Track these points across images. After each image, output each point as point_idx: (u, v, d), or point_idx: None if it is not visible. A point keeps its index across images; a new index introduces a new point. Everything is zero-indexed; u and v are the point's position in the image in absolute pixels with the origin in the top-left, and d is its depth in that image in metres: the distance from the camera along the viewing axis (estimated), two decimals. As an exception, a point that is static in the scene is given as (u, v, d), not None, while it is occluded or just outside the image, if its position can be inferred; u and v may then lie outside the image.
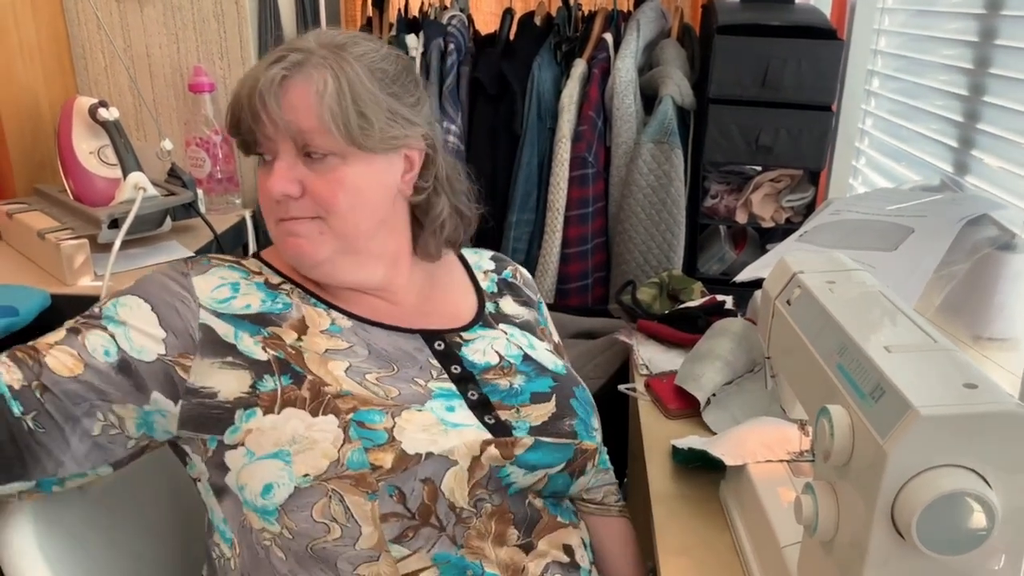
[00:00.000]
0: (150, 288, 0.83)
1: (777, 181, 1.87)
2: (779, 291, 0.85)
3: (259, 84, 0.81)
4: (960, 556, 0.57)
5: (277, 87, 0.81)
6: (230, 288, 0.86)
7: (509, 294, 1.05)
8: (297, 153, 0.84)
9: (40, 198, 1.59)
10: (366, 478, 0.77)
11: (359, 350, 0.86)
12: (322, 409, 0.79)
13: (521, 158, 1.87)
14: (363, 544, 0.78)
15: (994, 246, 1.16)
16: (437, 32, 1.93)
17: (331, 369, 0.82)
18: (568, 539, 0.90)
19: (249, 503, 0.79)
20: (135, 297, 0.82)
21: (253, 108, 0.82)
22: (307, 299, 0.89)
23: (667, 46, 1.91)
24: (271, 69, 0.82)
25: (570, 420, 0.91)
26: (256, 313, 0.85)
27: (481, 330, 0.96)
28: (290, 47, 0.84)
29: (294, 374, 0.81)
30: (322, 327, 0.87)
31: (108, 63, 1.80)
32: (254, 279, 0.89)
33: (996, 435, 0.56)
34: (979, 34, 1.44)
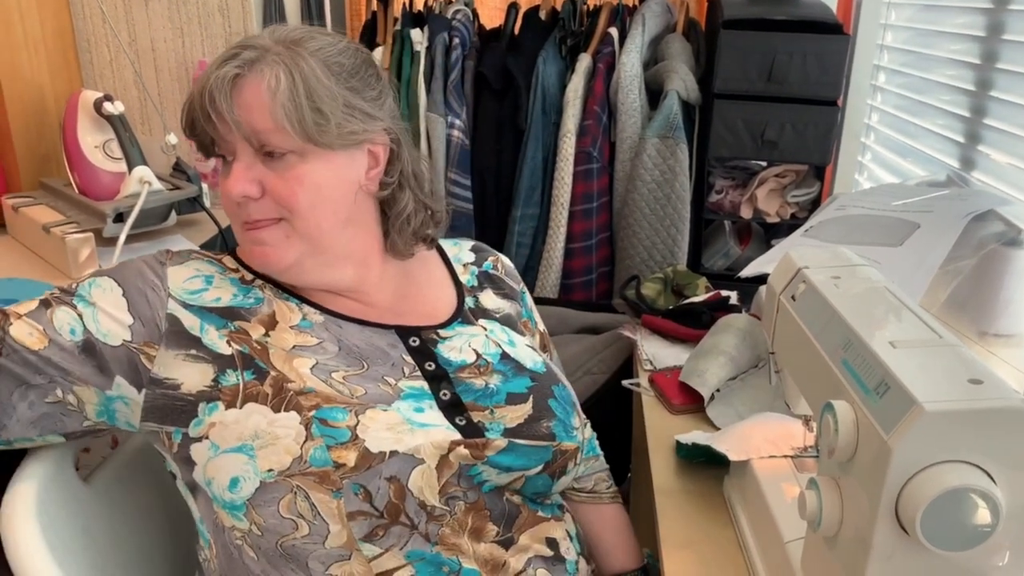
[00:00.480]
0: (126, 273, 0.83)
1: (782, 176, 1.86)
2: (784, 286, 0.85)
3: (209, 83, 0.79)
4: (964, 552, 0.57)
5: (228, 85, 0.79)
6: (203, 280, 0.86)
7: (490, 287, 1.03)
8: (255, 153, 0.81)
9: (45, 192, 1.59)
10: (329, 476, 0.77)
11: (328, 346, 0.85)
12: (284, 405, 0.78)
13: (526, 153, 1.86)
14: (332, 543, 0.77)
15: (1000, 242, 1.16)
16: (442, 26, 1.92)
17: (296, 366, 0.81)
18: (551, 532, 0.88)
19: (218, 498, 0.78)
20: (110, 279, 0.82)
21: (204, 108, 0.80)
22: (280, 294, 0.88)
23: (672, 41, 1.91)
24: (223, 67, 0.80)
25: (547, 422, 0.88)
26: (225, 307, 0.84)
27: (460, 327, 0.94)
28: (244, 44, 0.82)
29: (257, 369, 0.80)
30: (292, 322, 0.86)
31: (113, 57, 1.80)
32: (229, 275, 0.88)
33: (1001, 431, 0.56)
34: (986, 29, 1.43)
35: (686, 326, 1.37)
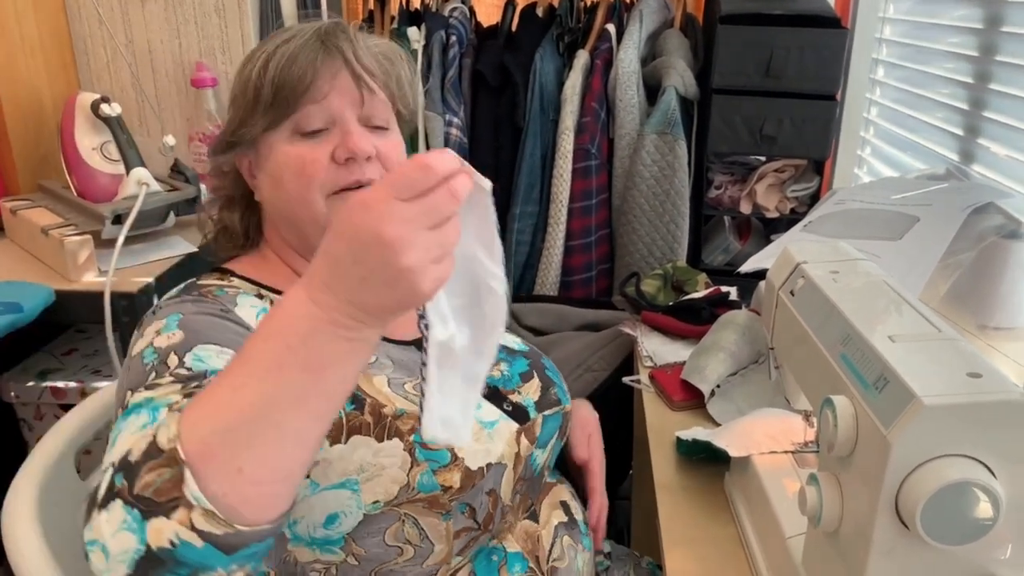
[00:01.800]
0: (210, 331, 0.73)
1: (781, 171, 1.86)
2: (783, 281, 0.84)
3: (355, 49, 0.83)
4: (965, 546, 0.57)
5: (380, 58, 0.86)
6: (266, 315, 0.79)
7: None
8: (358, 122, 0.84)
9: (44, 194, 1.59)
10: (439, 499, 0.77)
11: (384, 360, 0.84)
12: (386, 433, 0.76)
13: (524, 150, 1.86)
14: (431, 561, 0.78)
15: (1000, 234, 1.15)
16: (439, 24, 1.92)
17: (377, 386, 0.80)
18: (561, 495, 0.94)
19: (301, 537, 0.75)
20: (214, 346, 0.71)
21: (355, 78, 0.82)
22: None
23: (670, 36, 1.90)
24: (373, 38, 0.86)
25: (553, 389, 0.94)
26: None
27: None
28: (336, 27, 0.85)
29: (354, 397, 0.77)
30: None
31: (110, 59, 1.80)
32: (265, 303, 0.83)
33: (1001, 424, 0.56)
34: (984, 21, 1.43)
35: (686, 322, 1.37)
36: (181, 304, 0.76)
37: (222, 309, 0.77)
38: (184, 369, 0.66)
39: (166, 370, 0.66)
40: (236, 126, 0.83)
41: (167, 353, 0.69)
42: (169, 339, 0.70)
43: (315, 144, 0.81)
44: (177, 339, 0.70)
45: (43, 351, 1.63)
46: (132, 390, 0.66)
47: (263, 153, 0.84)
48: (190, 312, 0.75)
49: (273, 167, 0.82)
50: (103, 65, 1.80)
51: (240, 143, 0.84)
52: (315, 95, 0.80)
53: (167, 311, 0.76)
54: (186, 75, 1.79)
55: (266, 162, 0.84)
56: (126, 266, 1.40)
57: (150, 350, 0.70)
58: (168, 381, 0.65)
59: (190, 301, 0.77)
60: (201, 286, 0.83)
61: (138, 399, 0.63)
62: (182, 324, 0.72)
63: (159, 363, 0.68)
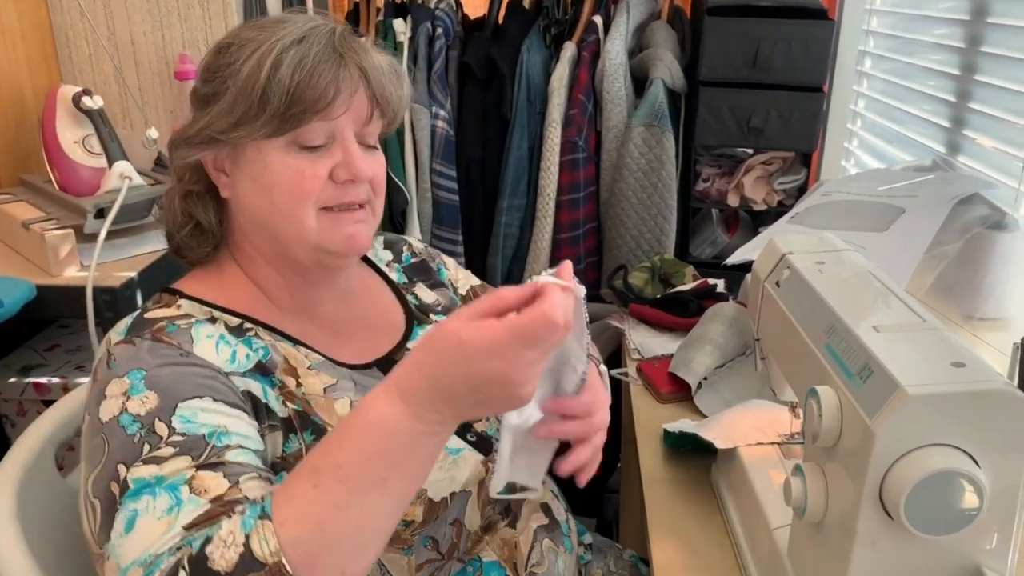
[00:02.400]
0: (180, 385, 0.70)
1: (769, 163, 1.86)
2: (768, 272, 0.84)
3: (372, 71, 0.79)
4: (949, 536, 0.57)
5: (394, 75, 0.81)
6: (224, 344, 0.76)
7: (418, 279, 1.00)
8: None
9: (25, 188, 1.57)
10: (399, 535, 0.75)
11: (344, 383, 0.81)
12: None
13: (511, 143, 1.85)
14: None
15: (985, 225, 1.16)
16: (425, 16, 1.91)
17: (338, 411, 0.77)
18: (543, 497, 0.91)
19: None
20: (194, 400, 0.69)
21: (372, 95, 0.79)
22: (273, 335, 0.81)
23: (657, 28, 1.90)
24: (378, 54, 0.81)
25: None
26: (256, 363, 0.77)
27: (420, 329, 0.91)
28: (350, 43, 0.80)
29: (314, 427, 0.75)
30: (304, 364, 0.80)
31: (92, 51, 1.78)
32: (219, 328, 0.78)
33: (984, 414, 0.56)
34: (971, 12, 1.43)
35: (673, 315, 1.36)
36: (138, 355, 0.71)
37: (181, 353, 0.72)
38: (178, 435, 0.66)
39: (159, 440, 0.65)
40: (228, 126, 0.76)
41: (151, 420, 0.67)
42: (144, 403, 0.68)
43: (314, 159, 0.77)
44: (153, 403, 0.68)
45: (25, 347, 1.62)
46: (127, 464, 0.64)
47: (249, 156, 0.77)
48: (152, 366, 0.70)
49: (264, 175, 0.77)
50: (85, 57, 1.78)
51: (224, 142, 0.77)
52: (329, 113, 0.76)
53: (126, 366, 0.71)
54: (169, 67, 1.77)
55: (251, 166, 0.78)
56: (108, 260, 1.39)
57: (128, 418, 0.67)
58: (170, 453, 0.65)
59: (146, 350, 0.72)
60: (151, 322, 0.76)
61: (142, 476, 0.63)
62: (149, 383, 0.69)
63: (148, 433, 0.66)
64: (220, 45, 0.79)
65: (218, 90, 0.77)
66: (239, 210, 0.81)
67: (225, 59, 0.77)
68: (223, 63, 0.77)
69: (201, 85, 0.80)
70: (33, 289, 1.30)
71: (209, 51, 0.81)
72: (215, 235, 0.84)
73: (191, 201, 0.82)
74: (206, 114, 0.77)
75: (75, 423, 0.95)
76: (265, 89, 0.74)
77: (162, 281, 1.44)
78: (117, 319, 1.31)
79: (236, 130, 0.75)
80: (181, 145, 0.80)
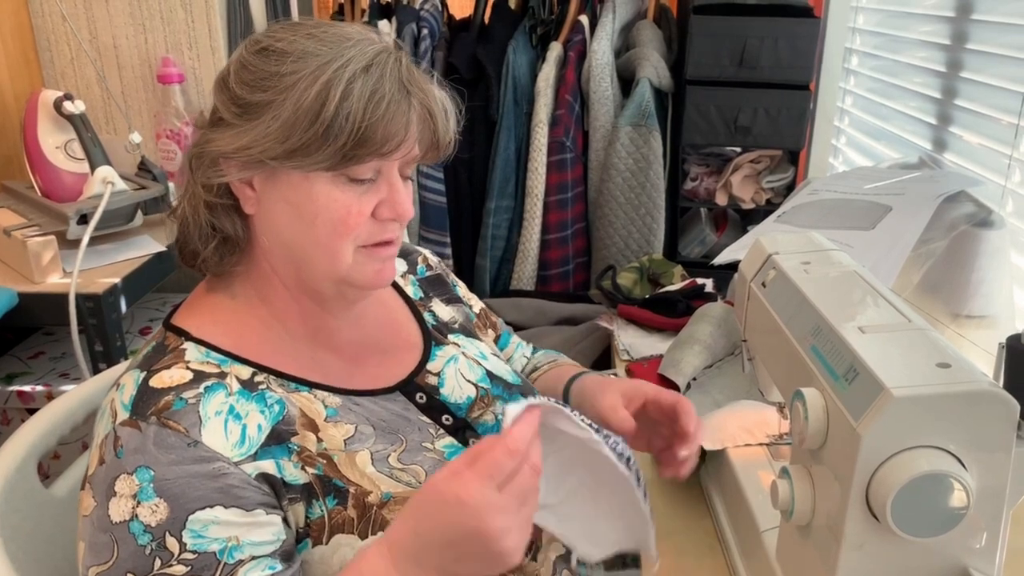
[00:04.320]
0: (190, 492, 0.67)
1: (757, 162, 1.86)
2: (754, 273, 0.84)
3: (437, 111, 0.75)
4: (935, 538, 0.57)
5: (451, 113, 0.77)
6: (234, 420, 0.71)
7: (434, 294, 0.97)
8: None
9: (7, 194, 1.55)
10: None
11: (364, 428, 0.77)
12: (371, 527, 0.71)
13: (498, 144, 1.85)
14: None
15: (971, 223, 1.16)
16: (410, 17, 1.90)
17: (360, 466, 0.74)
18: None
19: None
20: (204, 512, 0.66)
21: (429, 132, 0.75)
22: (286, 384, 0.77)
23: (643, 27, 1.89)
24: (438, 89, 0.76)
25: None
26: (271, 431, 0.72)
27: (438, 351, 0.89)
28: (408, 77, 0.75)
29: (336, 491, 0.72)
30: (322, 415, 0.76)
31: (74, 55, 1.76)
32: (232, 387, 0.73)
33: (970, 414, 0.55)
34: (956, 9, 1.43)
35: (662, 315, 1.36)
36: (145, 447, 0.68)
37: (188, 443, 0.68)
38: (188, 552, 0.65)
39: (170, 556, 0.65)
40: (280, 153, 0.70)
41: (161, 533, 0.65)
42: (154, 513, 0.66)
43: (360, 194, 0.73)
44: (163, 514, 0.66)
45: (9, 354, 1.60)
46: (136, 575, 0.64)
47: (292, 181, 0.72)
48: (161, 465, 0.67)
49: (306, 204, 0.72)
50: (67, 61, 1.77)
51: (271, 166, 0.71)
52: (392, 155, 0.72)
53: (133, 459, 0.67)
54: (152, 71, 1.76)
55: (291, 191, 0.72)
56: (92, 267, 1.37)
57: (139, 527, 0.65)
58: (182, 572, 0.64)
59: (152, 441, 0.68)
60: (157, 395, 0.70)
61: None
62: (159, 489, 0.66)
63: (159, 547, 0.65)
64: (268, 47, 0.72)
65: (268, 101, 0.70)
66: (264, 230, 0.76)
67: (277, 67, 0.70)
68: (275, 71, 0.70)
69: (241, 88, 0.71)
70: (15, 296, 1.29)
71: (250, 48, 0.73)
72: (242, 249, 0.78)
73: (216, 213, 0.76)
74: (249, 129, 0.70)
75: (59, 432, 0.94)
76: (332, 123, 0.68)
77: (147, 286, 1.44)
78: (101, 326, 1.32)
79: (289, 159, 0.70)
80: (212, 158, 0.73)
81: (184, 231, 0.78)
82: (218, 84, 0.74)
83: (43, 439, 0.92)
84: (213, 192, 0.75)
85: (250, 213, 0.76)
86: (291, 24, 0.75)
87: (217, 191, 0.75)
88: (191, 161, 0.76)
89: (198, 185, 0.75)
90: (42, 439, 0.92)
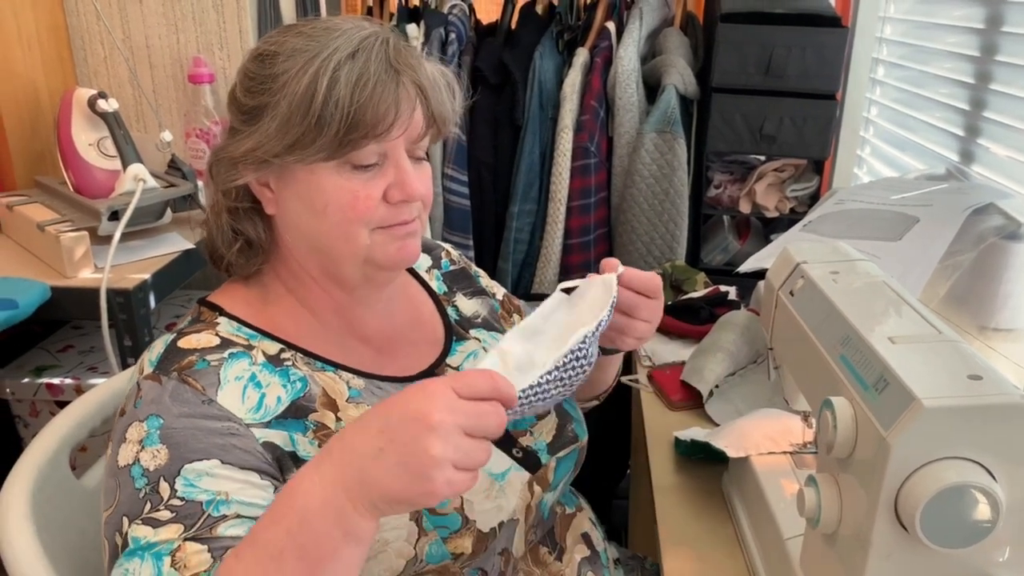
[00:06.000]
0: (192, 443, 0.68)
1: (781, 171, 1.85)
2: (782, 281, 0.84)
3: (429, 86, 0.75)
4: (964, 549, 0.57)
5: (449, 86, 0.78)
6: (254, 387, 0.74)
7: (458, 288, 0.98)
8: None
9: (40, 190, 1.58)
10: (449, 568, 0.74)
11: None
12: None
13: (523, 148, 1.86)
14: None
15: (1000, 235, 1.15)
16: (438, 21, 1.91)
17: None
18: (583, 526, 0.91)
19: None
20: (201, 463, 0.68)
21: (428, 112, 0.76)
22: (312, 363, 0.79)
23: (670, 35, 1.90)
24: (431, 65, 0.77)
25: (570, 425, 0.90)
26: (289, 404, 0.74)
27: (458, 345, 0.91)
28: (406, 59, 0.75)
29: None
30: (344, 395, 0.78)
31: (107, 54, 1.79)
32: (257, 358, 0.76)
33: (1001, 427, 0.55)
34: (985, 21, 1.43)
35: (685, 322, 1.36)
36: (161, 399, 0.71)
37: (203, 400, 0.71)
38: (177, 499, 0.66)
39: (160, 501, 0.66)
40: (281, 149, 0.72)
41: (156, 479, 0.67)
42: (155, 457, 0.68)
43: (367, 179, 0.74)
44: (162, 459, 0.68)
45: (39, 347, 1.62)
46: (129, 519, 0.66)
47: (299, 176, 0.74)
48: (171, 416, 0.70)
49: (316, 196, 0.74)
50: (100, 60, 1.80)
51: (276, 164, 0.74)
52: (387, 136, 0.73)
53: (148, 408, 0.70)
54: (183, 71, 1.78)
55: (301, 186, 0.75)
56: (122, 263, 1.39)
57: (139, 470, 0.68)
58: (167, 517, 0.65)
59: (169, 394, 0.71)
60: (183, 354, 0.73)
61: (138, 536, 0.64)
62: (164, 436, 0.69)
63: (151, 492, 0.67)
64: (263, 52, 0.75)
65: (265, 103, 0.72)
66: (286, 228, 0.79)
67: (271, 69, 0.73)
68: (269, 73, 0.73)
69: (244, 95, 0.75)
70: (48, 290, 1.31)
71: (249, 56, 0.76)
72: (265, 250, 0.81)
73: (238, 217, 0.79)
74: (253, 132, 0.73)
75: (89, 425, 0.95)
76: (322, 112, 0.70)
77: (175, 283, 1.46)
78: (131, 321, 1.33)
79: (290, 153, 0.72)
80: (226, 165, 0.76)
81: (211, 237, 0.81)
82: (228, 97, 0.79)
83: (75, 431, 0.93)
84: (233, 197, 0.78)
85: (271, 213, 0.79)
86: (285, 27, 0.78)
87: (237, 196, 0.78)
88: (211, 170, 0.80)
89: (219, 192, 0.79)
90: (74, 431, 0.93)
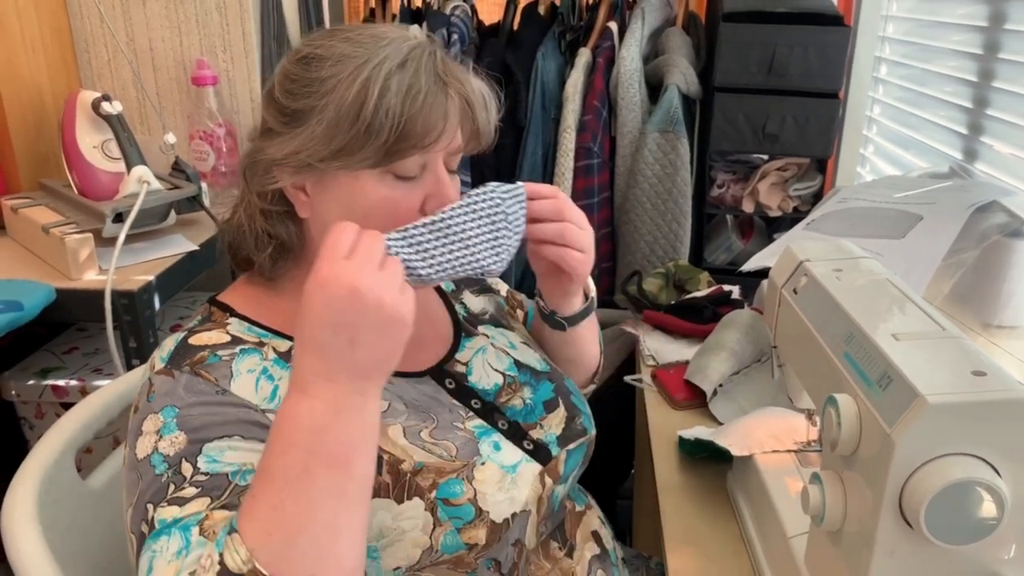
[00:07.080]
0: (210, 425, 0.69)
1: (784, 170, 1.85)
2: (786, 280, 0.84)
3: (476, 102, 0.76)
4: (969, 546, 0.57)
5: (490, 102, 0.78)
6: (267, 379, 0.74)
7: (465, 286, 0.99)
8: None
9: (45, 192, 1.58)
10: (463, 559, 0.74)
11: (397, 405, 0.79)
12: (406, 493, 0.72)
13: (526, 149, 1.86)
14: None
15: (1003, 233, 1.15)
16: (440, 22, 1.92)
17: (393, 438, 0.75)
18: (592, 524, 0.91)
19: None
20: (222, 440, 0.68)
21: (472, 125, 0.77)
22: None
23: (672, 34, 1.90)
24: (475, 79, 0.78)
25: (578, 418, 0.90)
26: None
27: (467, 342, 0.91)
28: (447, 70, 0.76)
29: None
30: None
31: (111, 57, 1.79)
32: (268, 355, 0.76)
33: (1005, 423, 0.55)
34: (988, 18, 1.42)
35: (688, 321, 1.36)
36: (174, 391, 0.71)
37: (217, 390, 0.71)
38: (201, 475, 0.67)
39: (183, 480, 0.66)
40: (327, 155, 0.71)
41: (178, 461, 0.67)
42: (173, 443, 0.68)
43: (408, 189, 0.74)
44: (182, 443, 0.68)
45: (44, 349, 1.63)
46: (154, 504, 0.65)
47: (341, 182, 0.73)
48: (185, 405, 0.70)
49: (357, 203, 0.74)
50: (104, 63, 1.80)
51: (319, 168, 0.73)
52: (433, 148, 0.73)
53: (162, 401, 0.71)
54: (187, 73, 1.79)
55: (342, 192, 0.74)
56: (127, 264, 1.40)
57: (159, 458, 0.68)
58: (192, 493, 0.65)
59: (183, 386, 0.71)
60: (194, 350, 0.74)
61: (165, 517, 0.64)
62: (181, 422, 0.69)
63: (174, 474, 0.67)
64: (307, 55, 0.74)
65: (311, 107, 0.72)
66: (320, 232, 0.77)
67: (317, 72, 0.72)
68: (315, 77, 0.72)
69: (285, 97, 0.74)
70: (53, 292, 1.31)
71: (291, 58, 0.76)
72: (296, 254, 0.81)
73: (272, 220, 0.79)
74: (296, 135, 0.72)
75: (94, 426, 0.96)
76: (372, 120, 0.69)
77: (180, 284, 1.46)
78: (135, 323, 1.34)
79: (335, 159, 0.71)
80: (265, 166, 0.75)
81: (238, 239, 0.81)
82: (266, 98, 0.78)
83: (80, 432, 0.94)
84: (268, 200, 0.78)
85: (304, 217, 0.78)
86: (329, 31, 0.77)
87: (271, 199, 0.78)
88: (245, 172, 0.79)
89: (253, 194, 0.78)
90: (79, 432, 0.94)
